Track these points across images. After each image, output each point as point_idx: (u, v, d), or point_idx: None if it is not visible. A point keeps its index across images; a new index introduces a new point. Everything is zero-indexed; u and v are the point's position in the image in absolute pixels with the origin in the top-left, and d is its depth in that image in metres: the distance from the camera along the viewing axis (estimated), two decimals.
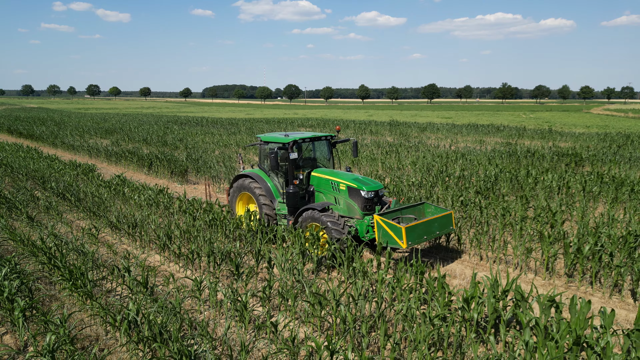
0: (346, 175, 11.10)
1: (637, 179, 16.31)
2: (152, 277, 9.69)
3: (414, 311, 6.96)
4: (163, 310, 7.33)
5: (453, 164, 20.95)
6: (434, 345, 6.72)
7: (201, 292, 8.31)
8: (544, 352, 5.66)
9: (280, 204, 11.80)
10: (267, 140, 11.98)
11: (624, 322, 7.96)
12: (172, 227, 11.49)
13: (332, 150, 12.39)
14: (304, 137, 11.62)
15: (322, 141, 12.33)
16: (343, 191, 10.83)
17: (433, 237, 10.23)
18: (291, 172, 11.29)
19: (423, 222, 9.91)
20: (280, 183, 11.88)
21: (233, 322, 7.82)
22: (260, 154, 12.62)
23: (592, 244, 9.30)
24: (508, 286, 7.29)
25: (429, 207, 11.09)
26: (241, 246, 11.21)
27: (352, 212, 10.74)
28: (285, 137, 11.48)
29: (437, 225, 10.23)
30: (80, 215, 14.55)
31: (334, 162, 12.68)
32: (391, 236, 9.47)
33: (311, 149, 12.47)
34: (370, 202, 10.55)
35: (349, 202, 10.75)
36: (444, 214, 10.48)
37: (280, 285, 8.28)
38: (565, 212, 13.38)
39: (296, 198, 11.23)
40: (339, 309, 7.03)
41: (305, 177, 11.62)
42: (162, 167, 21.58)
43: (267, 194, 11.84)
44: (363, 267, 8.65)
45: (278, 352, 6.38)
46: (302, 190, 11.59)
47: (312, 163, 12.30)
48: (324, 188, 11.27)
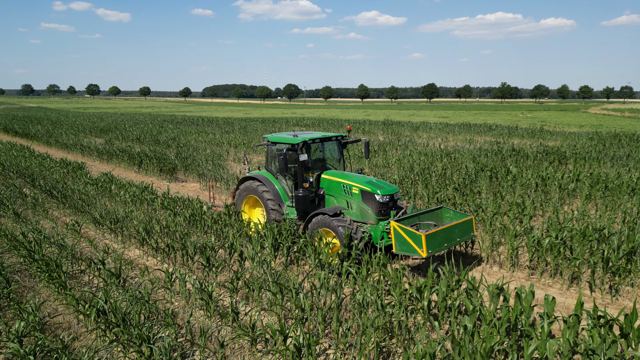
0: (359, 177, 10.60)
1: (613, 176, 16.62)
2: (129, 269, 10.03)
3: (368, 299, 7.29)
4: (134, 299, 7.68)
5: (437, 162, 21.28)
6: (386, 330, 7.07)
7: (172, 283, 8.65)
8: (482, 336, 5.99)
9: (288, 208, 11.25)
10: (275, 141, 11.47)
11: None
12: (152, 223, 11.83)
13: (342, 151, 11.91)
14: (313, 137, 11.08)
15: (332, 141, 11.75)
16: (356, 195, 10.24)
17: (454, 244, 9.62)
18: (301, 175, 10.78)
19: (443, 229, 9.32)
20: (289, 186, 11.35)
21: (201, 311, 8.16)
22: (267, 155, 12.07)
23: (552, 238, 9.63)
24: (462, 276, 7.64)
25: (447, 211, 10.54)
26: (217, 240, 11.53)
27: (365, 217, 10.16)
28: (294, 138, 10.96)
29: (457, 231, 9.68)
30: (66, 212, 14.89)
31: (345, 164, 12.16)
32: (410, 244, 8.88)
33: (320, 149, 11.94)
34: (385, 206, 9.96)
35: (362, 206, 10.17)
36: (465, 220, 9.94)
37: (250, 277, 8.62)
38: (539, 208, 13.69)
39: (306, 202, 10.73)
40: (298, 298, 7.38)
41: (315, 179, 11.06)
42: (151, 165, 21.92)
43: (275, 198, 11.30)
44: (328, 259, 9.01)
45: (236, 338, 6.72)
46: (312, 194, 11.06)
47: (322, 165, 11.75)
48: (335, 191, 10.72)
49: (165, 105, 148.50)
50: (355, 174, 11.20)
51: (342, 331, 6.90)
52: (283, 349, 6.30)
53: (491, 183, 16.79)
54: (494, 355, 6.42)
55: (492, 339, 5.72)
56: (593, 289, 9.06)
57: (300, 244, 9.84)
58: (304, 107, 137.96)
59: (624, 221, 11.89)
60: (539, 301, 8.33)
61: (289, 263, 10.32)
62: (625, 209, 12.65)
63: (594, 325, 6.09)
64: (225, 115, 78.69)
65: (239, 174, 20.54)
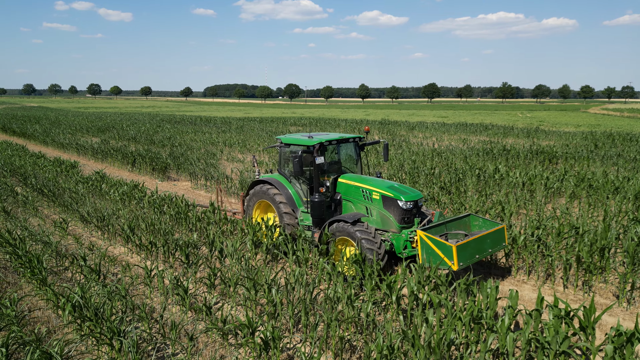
0: (379, 182, 9.94)
1: (599, 175, 16.73)
2: (111, 266, 10.19)
3: (339, 295, 7.44)
4: (111, 294, 7.84)
5: (429, 161, 21.41)
6: (355, 325, 7.23)
7: (151, 279, 8.82)
8: (444, 327, 6.14)
9: (303, 213, 10.65)
10: (289, 143, 10.86)
11: (547, 308, 8.40)
12: (138, 220, 12.00)
13: (360, 154, 11.30)
14: (329, 138, 10.45)
15: (349, 143, 11.12)
16: (377, 201, 9.61)
17: (485, 255, 8.85)
18: (317, 179, 10.13)
19: (475, 239, 8.61)
20: (304, 190, 10.74)
21: (178, 306, 8.32)
22: (280, 157, 11.41)
23: (528, 235, 9.77)
24: (432, 272, 7.78)
25: (475, 219, 9.85)
26: (200, 237, 11.69)
27: (387, 225, 9.52)
28: (309, 139, 10.32)
29: (489, 241, 8.95)
30: (56, 210, 15.07)
31: (362, 167, 11.53)
32: (439, 255, 8.22)
33: (336, 151, 11.24)
34: (408, 213, 9.31)
35: (383, 213, 9.54)
36: (497, 229, 9.17)
37: (229, 273, 8.78)
38: (522, 207, 13.82)
39: (322, 208, 10.12)
40: (271, 293, 7.53)
41: (331, 183, 10.45)
42: (144, 164, 22.10)
43: (289, 202, 10.66)
44: (305, 256, 9.18)
45: (205, 331, 6.87)
46: (328, 199, 10.44)
47: (338, 168, 11.10)
48: (354, 196, 10.09)
49: (166, 105, 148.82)
50: (375, 177, 10.69)
51: (310, 325, 7.05)
52: (251, 343, 6.45)
53: (478, 182, 16.92)
54: (456, 348, 6.56)
55: (450, 332, 5.86)
56: (566, 285, 9.19)
57: (280, 241, 9.99)
58: (304, 107, 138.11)
59: (604, 219, 12.01)
60: (506, 295, 8.45)
61: (271, 260, 10.47)
62: (605, 207, 12.76)
63: (556, 318, 6.24)
64: (225, 115, 78.91)
65: (229, 173, 20.72)
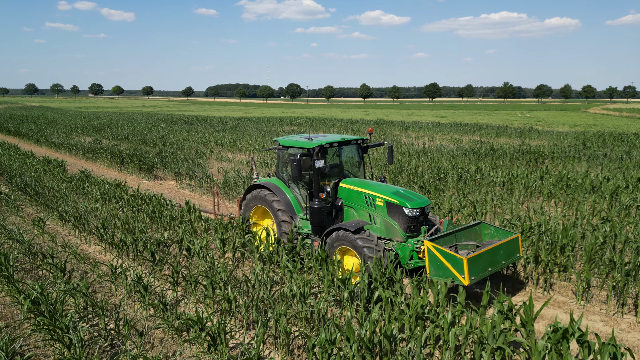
0: (383, 187, 9.36)
1: (580, 175, 16.78)
2: (82, 264, 10.32)
3: (295, 292, 7.56)
4: (74, 292, 7.97)
5: (414, 161, 21.49)
6: (308, 321, 7.35)
7: (117, 276, 8.94)
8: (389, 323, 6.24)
9: (302, 220, 10.07)
10: (287, 145, 10.29)
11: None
12: (114, 219, 12.13)
13: (362, 157, 10.69)
14: (330, 141, 9.84)
15: (351, 145, 10.47)
16: (380, 207, 9.04)
17: (499, 268, 8.25)
18: (316, 183, 9.56)
19: (487, 251, 8.02)
20: (303, 196, 10.16)
21: (139, 302, 8.43)
22: (278, 160, 10.83)
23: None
24: (388, 270, 7.89)
25: (486, 227, 9.27)
26: (170, 235, 11.78)
27: (391, 234, 8.96)
28: (308, 142, 9.76)
29: (502, 253, 8.31)
30: (38, 209, 15.21)
31: (365, 171, 10.96)
32: (448, 269, 7.69)
33: (338, 154, 10.62)
34: (415, 221, 8.75)
35: (387, 221, 8.96)
36: (511, 239, 8.56)
37: (196, 271, 8.91)
38: (499, 206, 13.88)
39: (322, 214, 9.51)
40: (227, 290, 7.65)
41: (332, 188, 9.90)
42: (132, 164, 22.25)
43: (287, 209, 10.11)
44: (269, 255, 9.31)
45: (158, 327, 6.99)
46: (329, 205, 9.88)
47: (339, 172, 10.50)
48: (356, 202, 9.54)
49: (167, 104, 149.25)
50: (379, 182, 10.07)
51: (261, 321, 7.15)
52: (201, 339, 6.56)
53: (459, 181, 16.98)
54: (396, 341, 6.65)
55: (390, 327, 5.95)
56: (527, 283, 9.27)
57: (245, 239, 10.09)
58: (305, 107, 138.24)
59: (575, 218, 12.07)
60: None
61: (239, 259, 10.57)
62: (576, 205, 12.83)
63: (499, 314, 6.33)
64: (225, 115, 79.14)
65: (216, 172, 20.84)
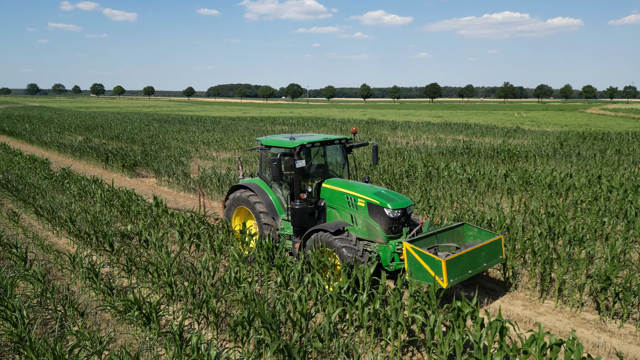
0: (365, 188, 9.25)
1: (543, 173, 17.27)
2: (47, 254, 10.90)
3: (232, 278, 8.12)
4: (31, 278, 8.57)
5: (388, 159, 22.02)
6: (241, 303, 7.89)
7: (74, 265, 9.51)
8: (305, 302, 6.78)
9: (284, 221, 9.97)
10: (269, 145, 10.22)
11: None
12: (85, 213, 12.71)
13: (346, 157, 10.58)
14: (313, 140, 9.71)
15: (335, 145, 10.36)
16: (362, 208, 8.93)
17: (480, 270, 8.10)
18: (297, 184, 9.40)
19: (467, 253, 7.88)
20: (285, 196, 10.05)
21: (91, 289, 9.00)
22: (260, 160, 10.73)
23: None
24: (324, 257, 8.42)
25: (470, 229, 9.16)
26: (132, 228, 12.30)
27: (373, 235, 8.86)
28: (290, 141, 9.63)
29: (483, 255, 8.16)
30: (18, 204, 15.82)
31: (349, 171, 10.87)
32: (426, 271, 7.50)
33: (322, 154, 10.55)
34: (396, 222, 8.66)
35: (369, 222, 8.86)
36: (493, 240, 8.41)
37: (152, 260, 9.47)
38: (456, 201, 14.39)
39: (304, 215, 9.33)
40: (170, 276, 8.22)
41: (314, 189, 9.77)
42: (115, 162, 22.85)
43: (269, 210, 10.03)
44: (219, 245, 9.89)
45: (102, 308, 7.57)
46: (311, 205, 9.74)
47: (323, 172, 10.39)
48: (338, 203, 9.40)
49: (168, 104, 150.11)
50: (362, 183, 9.93)
51: (196, 304, 7.71)
52: (136, 317, 7.14)
53: (426, 179, 17.50)
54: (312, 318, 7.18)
55: (306, 305, 6.48)
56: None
57: (200, 230, 10.64)
58: (305, 107, 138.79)
59: (525, 212, 12.58)
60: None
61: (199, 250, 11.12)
62: (526, 202, 13.34)
63: (412, 297, 6.86)
64: (224, 115, 79.82)
65: (196, 170, 21.41)
